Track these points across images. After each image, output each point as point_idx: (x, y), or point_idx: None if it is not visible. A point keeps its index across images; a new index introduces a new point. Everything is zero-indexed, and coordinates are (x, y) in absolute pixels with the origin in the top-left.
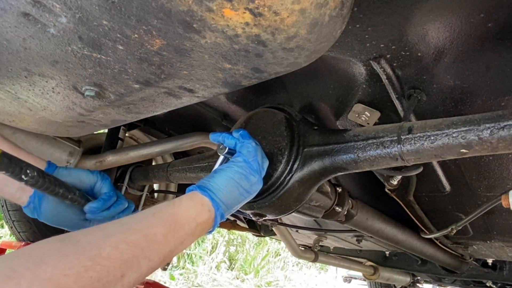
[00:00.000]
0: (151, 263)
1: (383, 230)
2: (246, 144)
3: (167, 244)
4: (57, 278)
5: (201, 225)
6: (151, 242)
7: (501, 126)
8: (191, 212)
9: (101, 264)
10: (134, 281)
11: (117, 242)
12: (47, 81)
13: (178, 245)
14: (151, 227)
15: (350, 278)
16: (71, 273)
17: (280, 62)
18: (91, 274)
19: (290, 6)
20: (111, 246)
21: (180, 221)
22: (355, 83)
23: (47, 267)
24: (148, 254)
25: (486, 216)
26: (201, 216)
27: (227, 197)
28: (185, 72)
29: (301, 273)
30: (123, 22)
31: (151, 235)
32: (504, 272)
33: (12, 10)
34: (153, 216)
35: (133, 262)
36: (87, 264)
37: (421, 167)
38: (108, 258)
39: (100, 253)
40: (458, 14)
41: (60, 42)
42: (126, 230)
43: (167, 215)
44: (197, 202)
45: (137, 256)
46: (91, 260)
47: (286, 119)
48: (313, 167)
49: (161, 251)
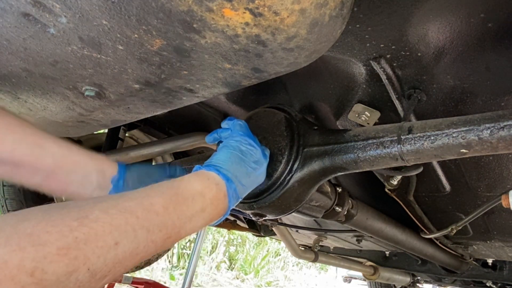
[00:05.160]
0: (150, 235)
1: (383, 230)
2: (236, 123)
3: (169, 217)
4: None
5: (212, 201)
6: (148, 211)
7: (501, 126)
8: (196, 186)
9: (88, 226)
10: (131, 252)
11: (107, 206)
12: (47, 81)
13: (186, 221)
14: (147, 196)
15: (350, 278)
16: (53, 231)
17: (280, 62)
18: (77, 234)
19: (290, 6)
20: (100, 210)
21: (183, 194)
22: (355, 83)
23: (29, 223)
24: (146, 224)
25: (486, 216)
26: (208, 190)
27: (235, 169)
28: (185, 72)
29: (301, 273)
30: (123, 22)
31: (147, 204)
32: (504, 272)
33: (12, 10)
34: (151, 188)
35: (127, 230)
36: (72, 224)
37: (421, 167)
38: (96, 220)
39: (87, 215)
40: (458, 14)
41: (60, 42)
42: (119, 198)
43: (166, 188)
44: (202, 177)
45: (132, 224)
46: (76, 221)
47: (286, 119)
48: (313, 167)
49: (162, 223)
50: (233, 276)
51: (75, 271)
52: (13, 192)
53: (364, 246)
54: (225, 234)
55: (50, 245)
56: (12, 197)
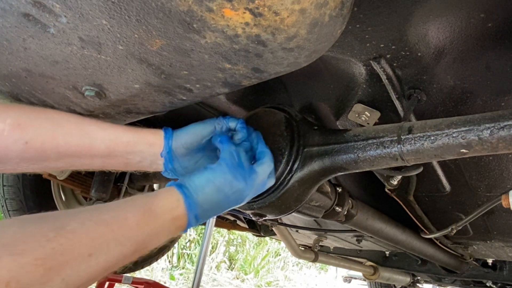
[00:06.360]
0: (122, 248)
1: (383, 230)
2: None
3: (140, 232)
4: (14, 244)
5: (176, 220)
6: (122, 225)
7: (501, 126)
8: (166, 204)
9: (66, 236)
10: (103, 264)
11: (83, 218)
12: (47, 81)
13: (153, 237)
14: (123, 211)
15: (350, 278)
16: (31, 241)
17: (280, 62)
18: (54, 245)
19: (290, 6)
20: (77, 222)
21: (155, 210)
22: (355, 83)
23: (6, 233)
24: (119, 237)
25: (486, 216)
26: (176, 211)
27: (205, 199)
28: (185, 72)
29: (301, 273)
30: (123, 22)
31: (122, 219)
32: (504, 272)
33: (13, 10)
34: (126, 202)
35: (102, 242)
36: (49, 234)
37: (421, 167)
38: (73, 231)
39: (64, 226)
40: (458, 14)
41: (60, 42)
42: (95, 210)
43: (141, 202)
44: (173, 196)
45: (106, 237)
46: (54, 231)
47: (286, 119)
48: (313, 167)
49: (134, 238)
50: (233, 276)
51: (49, 281)
52: (13, 192)
53: (364, 246)
54: (225, 234)
55: (27, 255)
56: (12, 197)
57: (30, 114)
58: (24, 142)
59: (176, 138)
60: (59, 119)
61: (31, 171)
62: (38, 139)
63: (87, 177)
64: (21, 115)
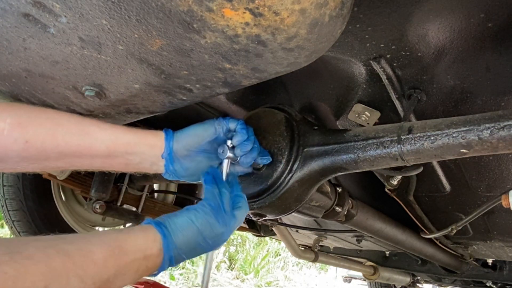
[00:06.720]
0: (83, 285)
1: (383, 230)
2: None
3: (106, 270)
4: None
5: (148, 260)
6: (87, 259)
7: (501, 126)
8: (140, 243)
9: (20, 262)
10: None
11: (44, 246)
12: (47, 81)
13: (119, 276)
14: (89, 243)
15: (350, 278)
16: None
17: (280, 62)
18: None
19: (290, 6)
20: (37, 248)
21: (126, 248)
22: (355, 83)
23: None
24: (81, 272)
25: (486, 216)
26: (150, 250)
27: (183, 241)
28: (185, 72)
29: (301, 273)
30: (123, 22)
31: (87, 252)
32: (504, 272)
33: (13, 10)
34: (94, 236)
35: (61, 274)
36: (3, 258)
37: (421, 167)
38: (29, 258)
39: (21, 252)
40: (458, 14)
41: (60, 42)
42: (59, 238)
43: (111, 238)
44: (149, 235)
45: (66, 269)
46: (8, 255)
47: (286, 119)
48: (313, 167)
49: (98, 275)
50: (233, 276)
51: None
52: (13, 192)
53: (364, 246)
54: None
55: None
56: (12, 197)
57: (30, 114)
58: (24, 141)
59: (177, 139)
60: (60, 119)
61: (31, 170)
62: (38, 139)
63: (87, 177)
64: (21, 115)
